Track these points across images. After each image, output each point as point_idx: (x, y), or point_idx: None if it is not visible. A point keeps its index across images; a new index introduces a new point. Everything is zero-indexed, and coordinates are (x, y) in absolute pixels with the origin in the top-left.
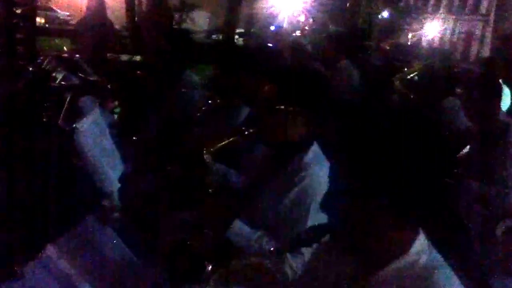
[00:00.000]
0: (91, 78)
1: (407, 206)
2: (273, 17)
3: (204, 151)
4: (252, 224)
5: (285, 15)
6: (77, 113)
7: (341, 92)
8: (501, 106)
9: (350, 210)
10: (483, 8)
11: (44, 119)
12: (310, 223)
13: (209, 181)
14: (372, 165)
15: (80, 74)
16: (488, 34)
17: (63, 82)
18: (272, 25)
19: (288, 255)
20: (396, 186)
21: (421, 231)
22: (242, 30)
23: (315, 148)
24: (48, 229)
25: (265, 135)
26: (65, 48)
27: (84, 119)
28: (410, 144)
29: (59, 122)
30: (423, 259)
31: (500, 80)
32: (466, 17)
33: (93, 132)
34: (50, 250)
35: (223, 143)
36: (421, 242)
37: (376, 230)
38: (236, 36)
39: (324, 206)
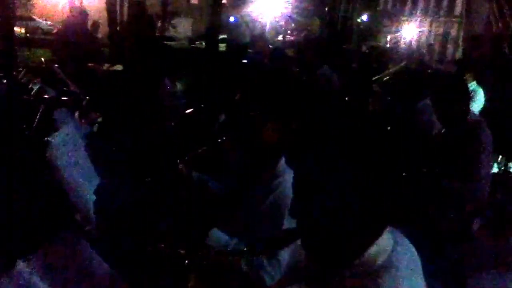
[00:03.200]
0: (71, 89)
1: (379, 208)
2: (255, 22)
3: (180, 161)
4: (230, 231)
5: (267, 20)
6: (51, 126)
7: (320, 97)
8: (471, 107)
9: (319, 212)
10: (457, 10)
11: (18, 132)
12: (284, 227)
13: (185, 190)
14: (349, 167)
15: (57, 86)
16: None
17: (42, 95)
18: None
19: (265, 260)
20: (370, 187)
21: (384, 233)
22: (225, 36)
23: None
24: (19, 244)
25: (240, 141)
26: (42, 59)
27: (57, 132)
28: (387, 145)
29: (31, 134)
30: (381, 260)
31: (475, 82)
32: (442, 19)
33: (67, 145)
34: (21, 266)
35: (200, 151)
36: (380, 244)
37: (343, 232)
38: (219, 43)
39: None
